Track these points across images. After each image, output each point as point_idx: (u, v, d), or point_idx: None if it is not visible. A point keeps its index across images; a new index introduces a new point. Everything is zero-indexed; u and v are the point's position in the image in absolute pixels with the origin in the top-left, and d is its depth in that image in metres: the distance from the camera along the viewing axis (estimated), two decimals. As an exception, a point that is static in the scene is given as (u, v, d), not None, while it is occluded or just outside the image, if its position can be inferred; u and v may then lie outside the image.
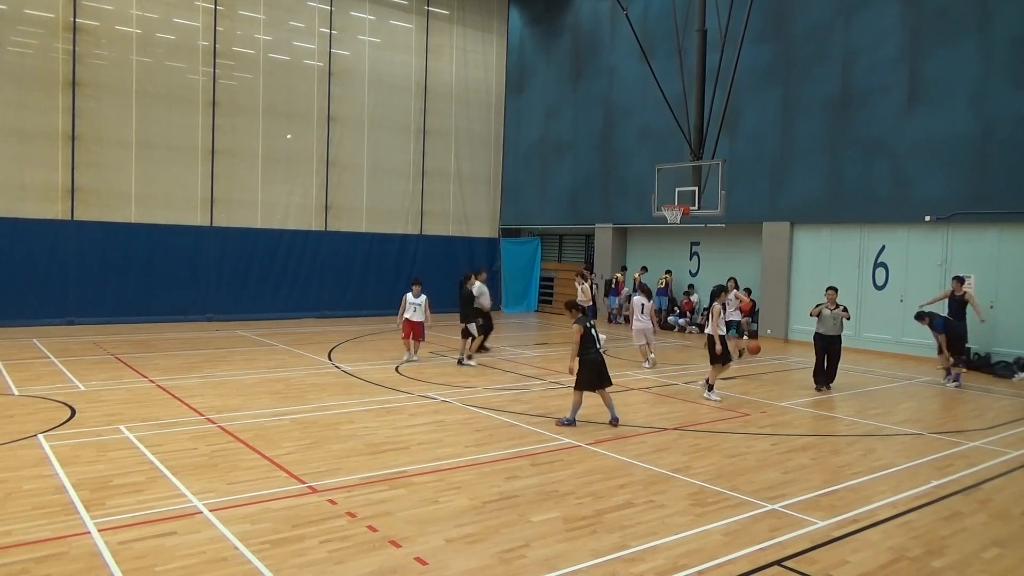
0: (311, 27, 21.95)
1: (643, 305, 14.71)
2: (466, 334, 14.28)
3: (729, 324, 16.27)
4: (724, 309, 12.51)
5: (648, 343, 14.75)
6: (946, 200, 16.17)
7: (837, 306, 12.76)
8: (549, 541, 5.73)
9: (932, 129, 16.41)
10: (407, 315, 14.07)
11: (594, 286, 18.86)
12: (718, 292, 11.75)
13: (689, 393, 12.05)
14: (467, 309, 14.47)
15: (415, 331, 14.17)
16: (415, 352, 14.36)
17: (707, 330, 11.43)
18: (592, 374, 9.38)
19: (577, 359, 9.39)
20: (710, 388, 11.48)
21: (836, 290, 13.06)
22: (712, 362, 11.36)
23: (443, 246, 24.91)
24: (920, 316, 14.01)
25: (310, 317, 21.68)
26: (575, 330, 9.37)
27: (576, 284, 17.85)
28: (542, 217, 26.72)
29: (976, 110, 15.76)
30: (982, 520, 6.55)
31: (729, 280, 17.24)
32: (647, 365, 14.51)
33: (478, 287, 15.04)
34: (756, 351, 13.77)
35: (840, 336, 12.78)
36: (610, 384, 9.56)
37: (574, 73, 25.57)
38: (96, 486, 6.61)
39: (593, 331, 9.46)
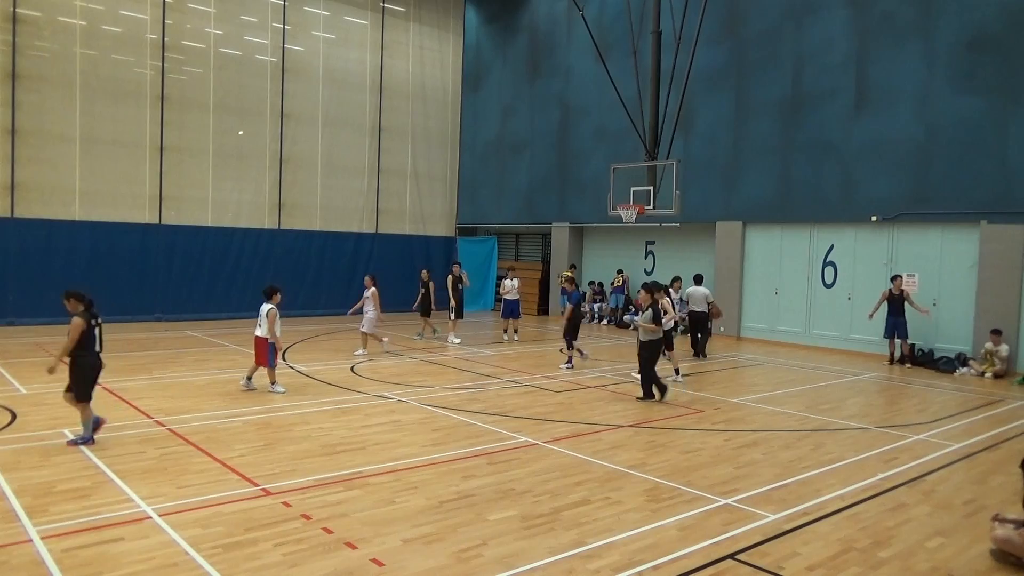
0: (264, 22, 21.56)
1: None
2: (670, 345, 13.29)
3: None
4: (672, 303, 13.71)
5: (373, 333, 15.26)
6: (891, 201, 16.65)
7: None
8: (506, 539, 5.73)
9: (878, 132, 16.87)
10: (257, 331, 10.94)
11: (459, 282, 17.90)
12: (664, 287, 13.20)
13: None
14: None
15: (256, 351, 10.90)
16: (272, 382, 11.03)
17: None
18: (91, 381, 8.00)
19: (69, 359, 7.85)
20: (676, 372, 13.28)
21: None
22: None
23: (399, 245, 24.71)
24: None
25: (263, 317, 21.27)
26: (76, 324, 7.84)
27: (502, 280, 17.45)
28: (499, 216, 26.72)
29: (920, 114, 16.24)
30: (926, 511, 6.76)
31: (675, 280, 17.19)
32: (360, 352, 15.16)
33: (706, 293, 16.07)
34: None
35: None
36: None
37: (531, 72, 25.63)
38: (39, 492, 6.40)
39: (97, 330, 8.05)
